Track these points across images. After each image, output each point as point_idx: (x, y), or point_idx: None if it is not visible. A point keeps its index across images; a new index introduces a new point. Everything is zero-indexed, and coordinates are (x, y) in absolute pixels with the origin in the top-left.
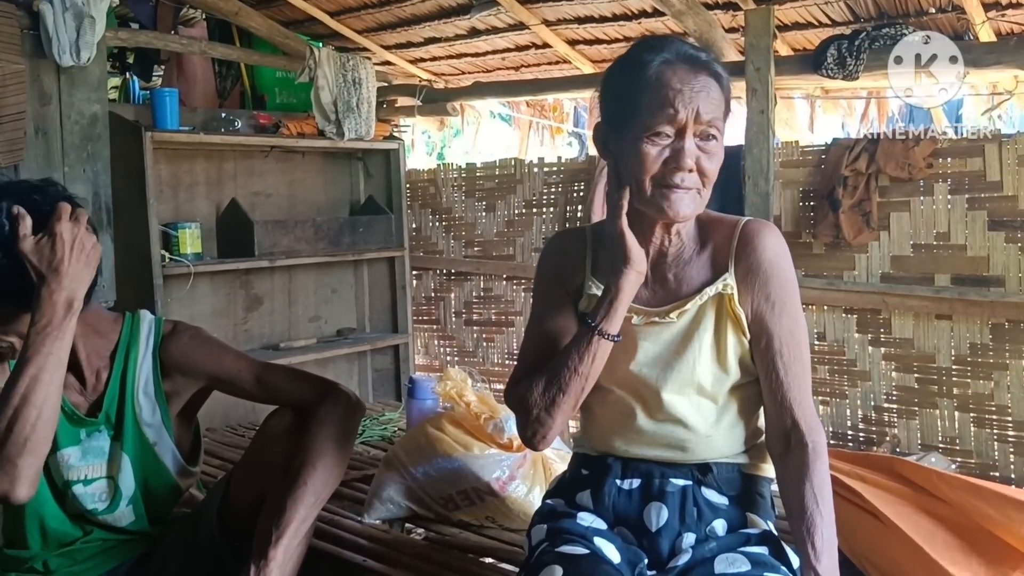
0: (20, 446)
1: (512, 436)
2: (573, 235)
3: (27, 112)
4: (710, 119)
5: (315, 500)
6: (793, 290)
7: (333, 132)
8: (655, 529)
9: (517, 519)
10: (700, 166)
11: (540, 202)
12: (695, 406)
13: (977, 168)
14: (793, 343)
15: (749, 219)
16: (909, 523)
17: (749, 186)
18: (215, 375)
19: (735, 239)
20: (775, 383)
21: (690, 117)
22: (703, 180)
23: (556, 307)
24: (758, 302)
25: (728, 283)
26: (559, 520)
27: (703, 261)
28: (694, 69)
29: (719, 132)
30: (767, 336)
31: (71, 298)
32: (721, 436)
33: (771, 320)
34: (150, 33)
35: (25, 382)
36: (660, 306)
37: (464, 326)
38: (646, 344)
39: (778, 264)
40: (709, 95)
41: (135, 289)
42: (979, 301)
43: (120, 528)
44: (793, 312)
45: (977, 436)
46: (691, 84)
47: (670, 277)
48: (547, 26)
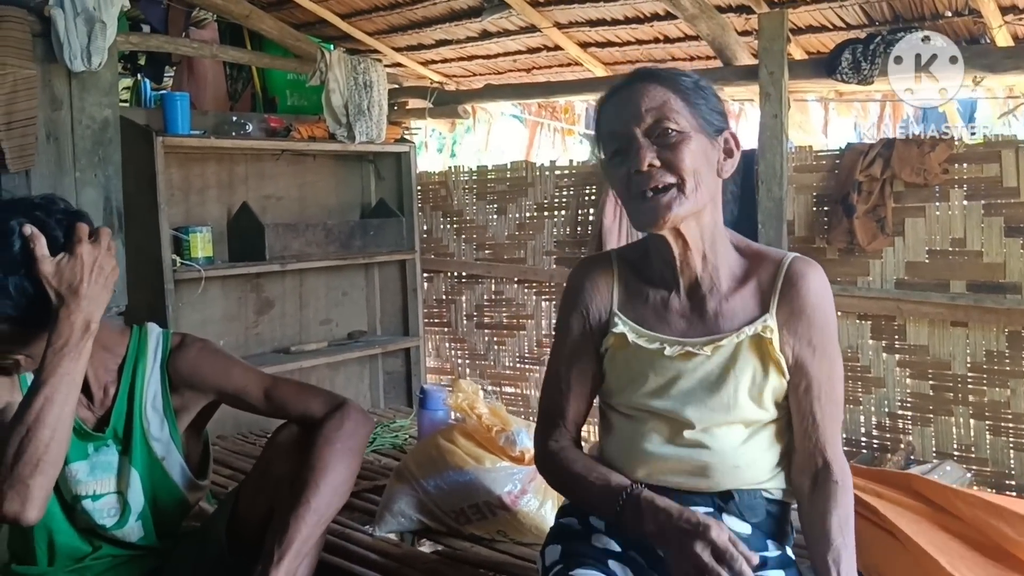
0: (32, 467)
1: (523, 449)
2: (600, 263)
3: (38, 117)
4: (653, 112)
5: (319, 519)
6: (834, 332)
7: (344, 135)
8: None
9: (529, 533)
10: (666, 159)
11: (551, 205)
12: (723, 436)
13: (994, 174)
14: (830, 386)
15: (795, 257)
16: (925, 538)
17: (762, 191)
18: (223, 389)
19: (780, 278)
20: (811, 426)
21: (631, 120)
22: (679, 175)
23: (578, 348)
24: (800, 347)
25: (768, 325)
26: (573, 541)
27: (745, 297)
28: (629, 85)
29: (672, 122)
30: (807, 380)
31: (88, 320)
32: (746, 464)
33: (811, 365)
34: (161, 37)
35: (39, 403)
36: (692, 336)
37: (475, 329)
38: (679, 377)
39: (821, 308)
40: (646, 94)
41: (147, 293)
42: (995, 308)
43: (129, 543)
44: (832, 354)
45: (993, 444)
46: (625, 98)
47: (709, 310)
48: (558, 29)
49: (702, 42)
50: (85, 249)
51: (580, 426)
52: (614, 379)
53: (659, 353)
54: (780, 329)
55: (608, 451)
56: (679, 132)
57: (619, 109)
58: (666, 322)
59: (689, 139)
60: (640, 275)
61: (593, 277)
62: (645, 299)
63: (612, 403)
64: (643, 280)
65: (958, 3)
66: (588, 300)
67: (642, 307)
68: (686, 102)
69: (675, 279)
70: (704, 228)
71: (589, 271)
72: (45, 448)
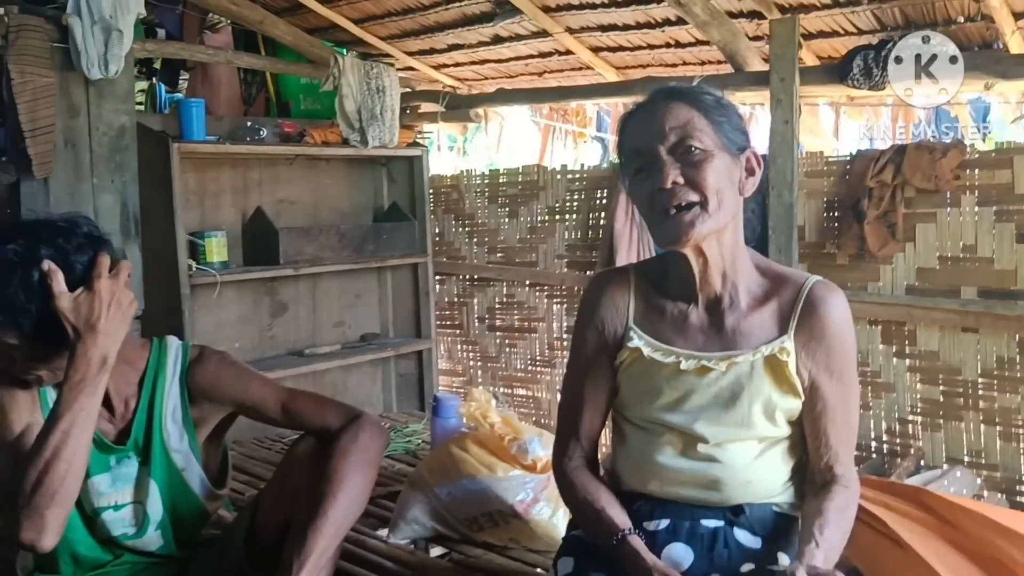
0: (49, 498)
1: (536, 458)
2: (617, 277)
3: (57, 125)
4: (677, 131)
5: (336, 531)
6: (852, 359)
7: (357, 140)
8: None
9: (541, 541)
10: (689, 177)
11: (563, 209)
12: (736, 452)
13: (1006, 180)
14: (844, 409)
15: (817, 281)
16: (932, 553)
17: (773, 196)
18: (241, 402)
19: (800, 301)
20: (823, 446)
21: (655, 138)
22: (702, 193)
23: (592, 362)
24: (818, 371)
25: (786, 347)
26: (586, 554)
27: (764, 317)
28: (653, 103)
29: (695, 140)
30: (822, 403)
31: (105, 355)
32: (758, 479)
33: (827, 389)
34: (177, 44)
35: (57, 436)
36: (709, 351)
37: (487, 332)
38: (693, 391)
39: (841, 334)
40: (670, 112)
41: (163, 298)
42: (1006, 315)
43: (149, 552)
44: (849, 379)
45: (1003, 450)
46: (649, 116)
47: (727, 327)
48: (570, 34)
49: (713, 47)
50: (104, 285)
51: (595, 440)
52: (628, 392)
53: (674, 367)
54: (798, 352)
55: (620, 462)
56: (703, 150)
57: (643, 127)
58: (684, 335)
59: (712, 157)
60: (659, 289)
61: (609, 291)
62: (663, 313)
63: (626, 415)
64: (662, 294)
65: (970, 9)
66: (604, 314)
67: (660, 321)
68: (709, 120)
69: (694, 295)
70: (724, 246)
71: (605, 285)
72: (61, 481)
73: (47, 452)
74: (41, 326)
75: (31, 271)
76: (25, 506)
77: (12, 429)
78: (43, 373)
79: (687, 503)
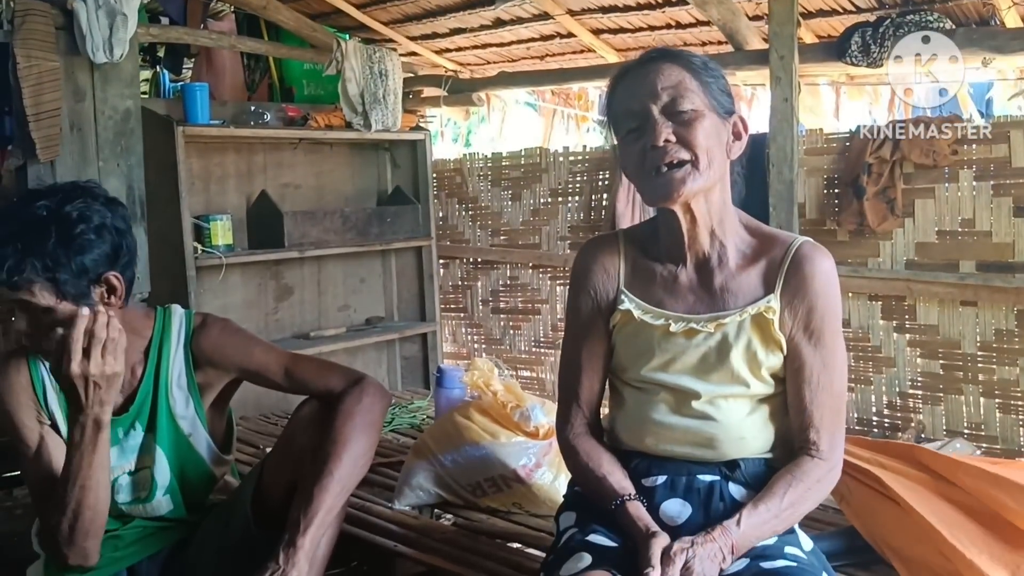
0: (84, 534)
1: (538, 424)
2: (606, 243)
3: (62, 109)
4: (669, 91)
5: (341, 489)
6: (835, 321)
7: (360, 124)
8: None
9: (543, 505)
10: (681, 136)
11: (566, 191)
12: (729, 409)
13: (1003, 154)
14: (825, 374)
15: (804, 241)
16: (928, 508)
17: (773, 174)
18: (244, 367)
19: (787, 260)
20: (798, 407)
21: (647, 98)
22: (693, 151)
23: (588, 328)
24: (797, 329)
25: (771, 306)
26: (587, 508)
27: (752, 276)
28: (644, 65)
29: (687, 100)
30: (798, 363)
31: (97, 420)
32: (752, 435)
33: (806, 350)
34: (180, 28)
35: (76, 492)
36: (702, 314)
37: (491, 314)
38: (684, 351)
39: (824, 293)
40: (661, 73)
41: (169, 281)
42: (1004, 288)
43: (159, 516)
44: (831, 343)
45: (1003, 422)
46: (641, 77)
47: (716, 286)
48: (571, 16)
49: (713, 27)
50: (75, 366)
51: (596, 405)
52: (623, 354)
53: (664, 329)
54: (782, 310)
55: (618, 422)
56: (694, 110)
57: (634, 88)
58: (675, 296)
59: (703, 117)
60: (648, 253)
61: (599, 257)
62: (653, 276)
63: (622, 377)
64: (650, 257)
65: None
66: (595, 279)
67: (650, 284)
68: (699, 81)
69: (683, 255)
70: (713, 205)
71: (595, 251)
72: (91, 521)
73: (71, 503)
74: (74, 281)
75: (67, 224)
76: (67, 543)
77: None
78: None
79: (683, 459)
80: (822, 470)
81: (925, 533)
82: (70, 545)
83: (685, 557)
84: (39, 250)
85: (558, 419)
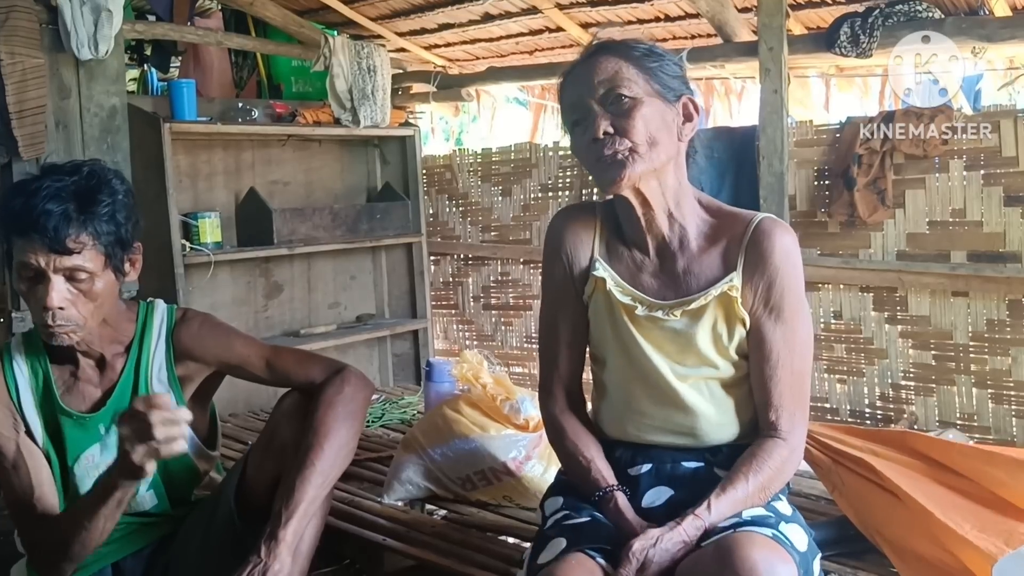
0: (71, 561)
1: (528, 417)
2: (583, 210)
3: (48, 105)
4: (605, 82)
5: (323, 480)
6: (795, 297)
7: (349, 120)
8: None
9: (533, 498)
10: (619, 126)
11: (556, 186)
12: (704, 394)
13: (993, 144)
14: (785, 350)
15: (764, 217)
16: (920, 491)
17: (763, 166)
18: (225, 360)
19: (746, 236)
20: (759, 384)
21: (584, 91)
22: (631, 139)
23: (563, 295)
24: (758, 306)
25: (734, 284)
26: (573, 494)
27: (714, 256)
28: (585, 60)
29: (624, 89)
30: (759, 338)
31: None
32: (730, 421)
33: (766, 326)
34: (167, 25)
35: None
36: (667, 299)
37: (482, 310)
38: (652, 335)
39: (783, 269)
40: (598, 65)
41: (157, 278)
42: (995, 277)
43: (143, 511)
44: (790, 320)
45: (995, 412)
46: (581, 71)
47: (679, 269)
48: (560, 10)
49: (702, 20)
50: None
51: (578, 379)
52: (595, 329)
53: (631, 311)
54: (743, 286)
55: (602, 413)
56: (631, 98)
57: (576, 82)
58: (639, 283)
59: (641, 103)
60: (619, 235)
61: (574, 225)
62: (621, 258)
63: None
64: (620, 240)
65: None
66: (569, 246)
67: (618, 264)
68: (639, 68)
69: (644, 241)
70: (667, 188)
71: (569, 219)
72: (79, 555)
73: (74, 542)
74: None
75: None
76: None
77: None
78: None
79: (666, 447)
80: (784, 452)
81: (918, 519)
82: (66, 559)
83: (645, 556)
84: (94, 214)
85: (540, 391)
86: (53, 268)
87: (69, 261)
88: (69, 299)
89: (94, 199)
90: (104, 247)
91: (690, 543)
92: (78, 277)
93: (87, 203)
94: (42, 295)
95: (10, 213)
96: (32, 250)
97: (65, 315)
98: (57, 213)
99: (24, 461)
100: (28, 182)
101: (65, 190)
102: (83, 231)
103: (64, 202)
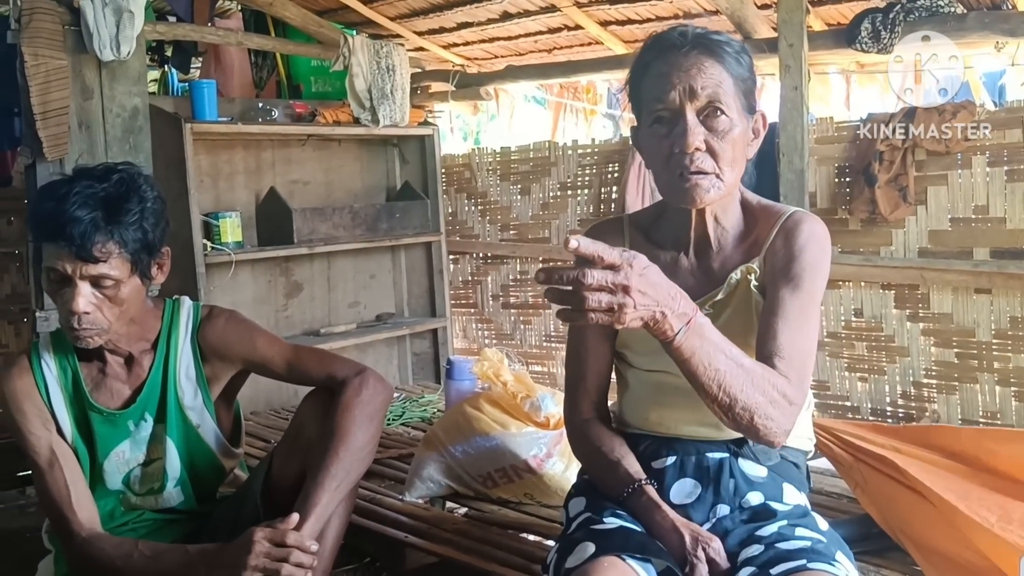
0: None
1: (548, 414)
2: (611, 227)
3: (71, 106)
4: (708, 93)
5: (338, 484)
6: (815, 277)
7: (368, 119)
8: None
9: (555, 495)
10: (712, 147)
11: (575, 184)
12: None
13: (1016, 139)
14: (798, 314)
15: (796, 210)
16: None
17: (784, 163)
18: (249, 358)
19: (775, 227)
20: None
21: (683, 95)
22: (719, 165)
23: None
24: (776, 277)
25: (753, 267)
26: (597, 494)
27: (746, 250)
28: (683, 50)
29: (724, 106)
30: (773, 300)
31: None
32: None
33: (784, 291)
34: (187, 26)
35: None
36: (700, 294)
37: (501, 309)
38: None
39: (808, 246)
40: (702, 70)
41: (178, 278)
42: (1019, 274)
43: (169, 508)
44: (808, 287)
45: (1019, 410)
46: (679, 64)
47: (714, 265)
48: (579, 8)
49: (722, 16)
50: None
51: (604, 390)
52: (625, 336)
53: None
54: (763, 267)
55: (625, 406)
56: (729, 119)
57: (670, 76)
58: (675, 280)
59: (735, 127)
60: (651, 238)
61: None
62: (655, 260)
63: (626, 360)
64: (653, 243)
65: None
66: None
67: None
68: (735, 83)
69: (687, 241)
70: (723, 200)
71: (599, 235)
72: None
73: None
74: (147, 255)
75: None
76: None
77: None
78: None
79: (691, 439)
80: (785, 388)
81: (942, 516)
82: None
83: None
84: (121, 223)
85: (566, 405)
86: (79, 275)
87: (95, 269)
88: (94, 304)
89: (122, 207)
90: (131, 255)
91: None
92: (104, 284)
93: (115, 211)
94: (68, 299)
95: (40, 217)
96: (59, 256)
97: (90, 319)
98: (85, 221)
99: (59, 461)
100: (59, 185)
101: (94, 197)
102: (110, 239)
103: (93, 210)
